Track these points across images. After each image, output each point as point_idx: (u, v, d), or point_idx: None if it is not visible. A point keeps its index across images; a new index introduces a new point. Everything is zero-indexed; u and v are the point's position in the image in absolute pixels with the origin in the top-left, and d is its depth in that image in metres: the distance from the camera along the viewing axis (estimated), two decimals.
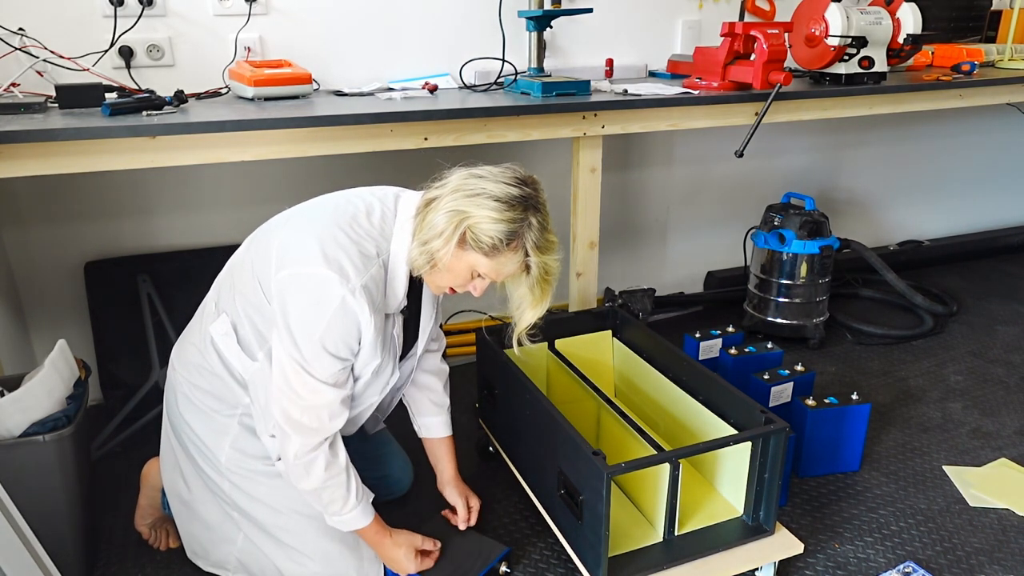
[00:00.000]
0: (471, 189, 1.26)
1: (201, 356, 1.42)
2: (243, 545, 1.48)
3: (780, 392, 1.90)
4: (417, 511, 1.75)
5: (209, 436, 1.43)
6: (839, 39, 2.17)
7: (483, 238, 1.24)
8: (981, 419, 2.13)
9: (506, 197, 1.25)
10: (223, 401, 1.42)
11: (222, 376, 1.40)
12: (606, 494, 1.28)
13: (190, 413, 1.45)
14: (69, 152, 1.52)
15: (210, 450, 1.43)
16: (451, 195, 1.26)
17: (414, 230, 1.31)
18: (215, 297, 1.44)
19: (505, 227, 1.24)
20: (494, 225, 1.24)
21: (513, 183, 1.27)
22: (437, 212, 1.26)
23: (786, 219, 2.45)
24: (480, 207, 1.24)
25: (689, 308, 2.88)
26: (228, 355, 1.38)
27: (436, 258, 1.28)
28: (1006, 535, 1.66)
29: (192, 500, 1.51)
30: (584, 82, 2.02)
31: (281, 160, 2.20)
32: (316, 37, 2.14)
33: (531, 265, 1.30)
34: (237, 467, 1.43)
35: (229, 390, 1.41)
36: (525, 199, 1.27)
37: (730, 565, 1.42)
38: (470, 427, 2.02)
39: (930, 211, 3.45)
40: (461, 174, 1.30)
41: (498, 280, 1.36)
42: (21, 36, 1.85)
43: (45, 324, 2.14)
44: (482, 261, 1.28)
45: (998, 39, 2.93)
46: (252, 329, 1.35)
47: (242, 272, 1.37)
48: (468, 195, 1.25)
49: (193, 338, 1.46)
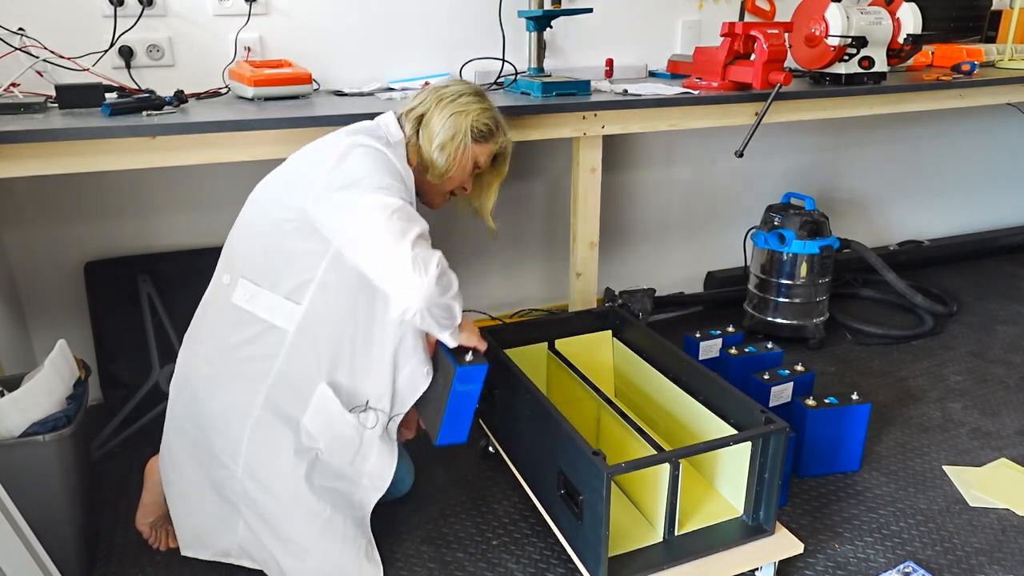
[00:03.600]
0: (451, 95, 1.49)
1: (227, 332, 1.41)
2: (244, 534, 1.48)
3: (780, 392, 1.90)
4: (417, 511, 1.75)
5: (232, 419, 1.41)
6: (839, 39, 2.17)
7: (482, 128, 1.50)
8: (981, 419, 2.13)
9: (475, 91, 1.52)
10: (250, 378, 1.40)
11: (252, 340, 1.38)
12: (606, 494, 1.28)
13: (212, 398, 1.43)
14: (69, 152, 1.52)
15: (230, 432, 1.41)
16: (439, 104, 1.48)
17: (419, 143, 1.50)
18: (226, 270, 1.44)
19: (490, 114, 1.52)
20: (484, 115, 1.50)
21: (464, 82, 1.56)
22: (439, 120, 1.48)
23: (786, 219, 2.45)
24: (470, 104, 1.49)
25: (689, 308, 2.89)
26: (263, 312, 1.37)
27: (456, 158, 1.48)
28: (1006, 535, 1.67)
29: (194, 491, 1.49)
30: (584, 82, 2.02)
31: (281, 160, 2.19)
32: (316, 37, 2.15)
33: (504, 144, 1.59)
34: (258, 450, 1.41)
35: (262, 359, 1.38)
36: (482, 91, 1.55)
37: (730, 565, 1.42)
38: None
39: (930, 211, 3.45)
40: (430, 90, 1.52)
41: (484, 167, 1.59)
42: (21, 36, 1.86)
43: (45, 324, 2.14)
44: (481, 150, 1.53)
45: (998, 39, 2.93)
46: (289, 272, 1.36)
47: (262, 221, 1.41)
48: (453, 100, 1.48)
49: (211, 319, 1.45)
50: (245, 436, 1.41)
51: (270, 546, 1.45)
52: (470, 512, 1.76)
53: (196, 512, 1.51)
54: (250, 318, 1.39)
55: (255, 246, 1.41)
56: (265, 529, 1.44)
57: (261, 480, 1.42)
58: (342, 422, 1.43)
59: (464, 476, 1.89)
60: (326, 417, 1.42)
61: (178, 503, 1.54)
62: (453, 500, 1.80)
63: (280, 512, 1.43)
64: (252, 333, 1.39)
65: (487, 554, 1.63)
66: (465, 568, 1.59)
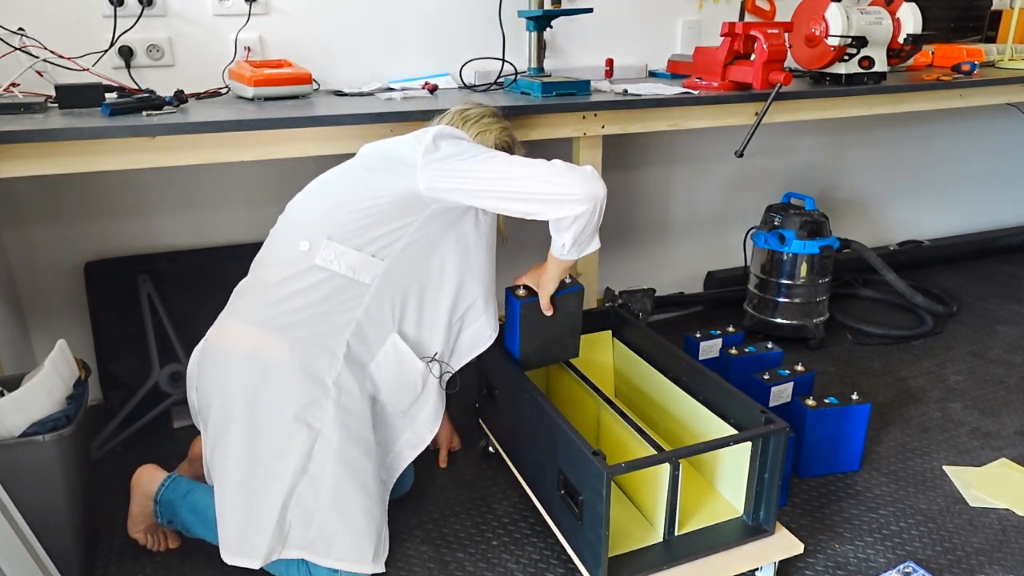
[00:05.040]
0: (474, 116, 1.62)
1: (298, 293, 1.44)
2: (292, 515, 1.45)
3: (780, 392, 1.90)
4: (417, 511, 1.75)
5: (316, 373, 1.44)
6: (839, 39, 2.17)
7: (501, 145, 1.61)
8: (981, 419, 2.13)
9: (493, 112, 1.65)
10: (332, 332, 1.45)
11: (334, 295, 1.44)
12: (606, 494, 1.28)
13: (284, 363, 1.42)
14: (69, 152, 1.52)
15: (310, 382, 1.42)
16: (464, 125, 1.60)
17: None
18: (303, 236, 1.47)
19: (508, 132, 1.65)
20: (503, 133, 1.63)
21: (481, 104, 1.67)
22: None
23: (786, 219, 2.45)
24: (490, 124, 1.62)
25: (689, 308, 2.89)
26: (346, 270, 1.44)
27: None
28: (1006, 535, 1.67)
29: (246, 481, 1.44)
30: (584, 82, 2.02)
31: (281, 160, 2.20)
32: (316, 37, 2.15)
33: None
34: (345, 401, 1.46)
35: (345, 311, 1.45)
36: (498, 111, 1.68)
37: (730, 565, 1.42)
38: (470, 427, 2.02)
39: (930, 211, 3.45)
40: (455, 111, 1.64)
41: None
42: (21, 36, 1.86)
43: (45, 324, 2.14)
44: None
45: (998, 39, 2.93)
46: (379, 235, 1.45)
47: (351, 198, 1.47)
48: (476, 120, 1.61)
49: (283, 288, 1.46)
50: (330, 382, 1.45)
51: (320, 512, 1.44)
52: (470, 512, 1.76)
53: (250, 503, 1.44)
54: (329, 274, 1.45)
55: (341, 215, 1.47)
56: (326, 506, 1.44)
57: (339, 448, 1.44)
58: (412, 368, 1.53)
59: (464, 476, 1.89)
60: (396, 363, 1.51)
61: (224, 498, 1.46)
62: (453, 500, 1.80)
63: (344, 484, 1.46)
64: (334, 287, 1.45)
65: (487, 554, 1.63)
66: (465, 568, 1.59)
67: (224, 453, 1.45)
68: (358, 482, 1.46)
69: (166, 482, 1.59)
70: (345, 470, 1.45)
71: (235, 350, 1.45)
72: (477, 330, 1.62)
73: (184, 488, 1.58)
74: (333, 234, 1.46)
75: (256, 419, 1.43)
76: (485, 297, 1.60)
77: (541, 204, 1.41)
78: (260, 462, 1.43)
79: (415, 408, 1.58)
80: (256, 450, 1.43)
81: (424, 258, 1.50)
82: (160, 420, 2.06)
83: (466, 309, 1.59)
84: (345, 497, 1.45)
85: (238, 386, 1.43)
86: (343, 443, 1.45)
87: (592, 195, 1.39)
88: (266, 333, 1.43)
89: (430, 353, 1.57)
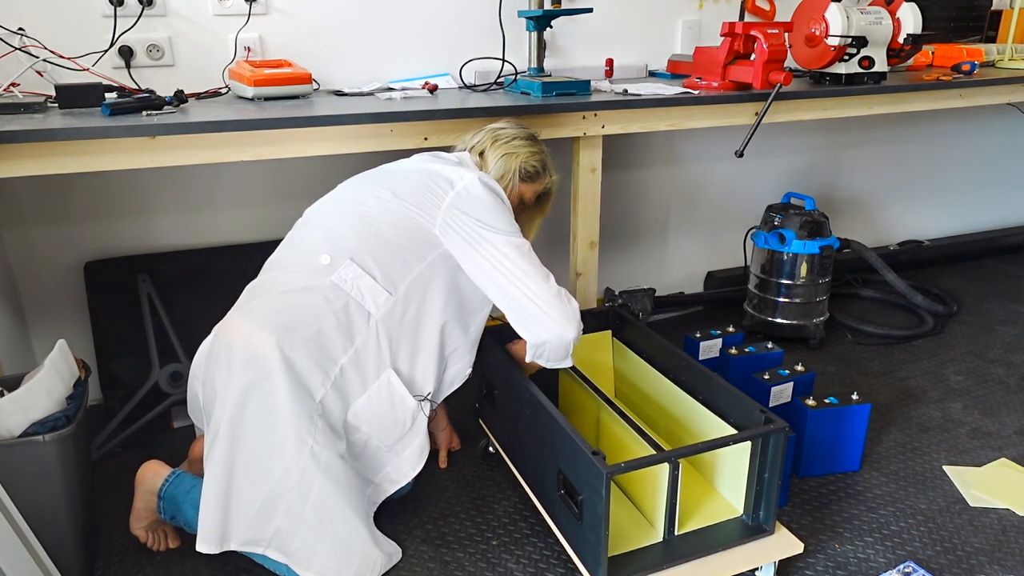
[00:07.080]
0: (506, 138, 1.68)
1: (310, 305, 1.47)
2: (282, 521, 1.46)
3: (780, 392, 1.90)
4: (417, 511, 1.75)
5: (303, 389, 1.45)
6: (839, 39, 2.17)
7: (529, 169, 1.69)
8: (981, 419, 2.13)
9: (528, 135, 1.71)
10: (330, 353, 1.47)
11: (337, 316, 1.48)
12: (606, 494, 1.28)
13: (294, 366, 1.44)
14: (69, 152, 1.52)
15: (305, 394, 1.45)
16: (493, 145, 1.67)
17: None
18: (326, 250, 1.52)
19: (539, 157, 1.70)
20: (533, 157, 1.69)
21: (519, 126, 1.73)
22: (493, 158, 1.66)
23: (786, 219, 2.45)
24: (520, 148, 1.67)
25: (689, 308, 2.89)
26: (355, 293, 1.49)
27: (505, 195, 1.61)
28: (1006, 535, 1.67)
29: (245, 472, 1.45)
30: (584, 82, 2.02)
31: (281, 160, 2.20)
32: (316, 37, 2.15)
33: (549, 184, 1.78)
34: (330, 420, 1.48)
35: (343, 330, 1.48)
36: (534, 135, 1.74)
37: (730, 565, 1.42)
38: (470, 427, 2.02)
39: (930, 211, 3.45)
40: (488, 130, 1.70)
41: (529, 203, 1.77)
42: (21, 36, 1.86)
43: (45, 324, 2.14)
44: (527, 188, 1.72)
45: (998, 39, 2.93)
46: (393, 265, 1.52)
47: (382, 220, 1.54)
48: (506, 142, 1.67)
49: (295, 286, 1.50)
50: (317, 402, 1.46)
51: (308, 525, 1.45)
52: (470, 512, 1.76)
53: (252, 488, 1.46)
54: (341, 294, 1.49)
55: (366, 238, 1.53)
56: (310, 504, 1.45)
57: (324, 461, 1.46)
58: (403, 404, 1.55)
59: (464, 476, 1.89)
60: (388, 397, 1.53)
61: (217, 495, 1.46)
62: (453, 500, 1.80)
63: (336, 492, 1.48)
64: (343, 308, 1.48)
65: (487, 554, 1.63)
66: (465, 568, 1.59)
67: (217, 445, 1.46)
68: (346, 499, 1.48)
69: (170, 478, 1.59)
70: (331, 485, 1.46)
71: (242, 349, 1.45)
72: (459, 369, 1.68)
73: (188, 484, 1.58)
74: (355, 256, 1.50)
75: (253, 418, 1.44)
76: (473, 341, 1.69)
77: (518, 314, 1.53)
78: (250, 456, 1.44)
79: (400, 445, 1.59)
80: (248, 445, 1.44)
81: (423, 300, 1.56)
82: (160, 420, 2.06)
83: (452, 351, 1.65)
84: (331, 514, 1.46)
85: (241, 384, 1.44)
86: (331, 458, 1.46)
87: (561, 336, 1.52)
88: (273, 337, 1.44)
89: (420, 390, 1.59)
